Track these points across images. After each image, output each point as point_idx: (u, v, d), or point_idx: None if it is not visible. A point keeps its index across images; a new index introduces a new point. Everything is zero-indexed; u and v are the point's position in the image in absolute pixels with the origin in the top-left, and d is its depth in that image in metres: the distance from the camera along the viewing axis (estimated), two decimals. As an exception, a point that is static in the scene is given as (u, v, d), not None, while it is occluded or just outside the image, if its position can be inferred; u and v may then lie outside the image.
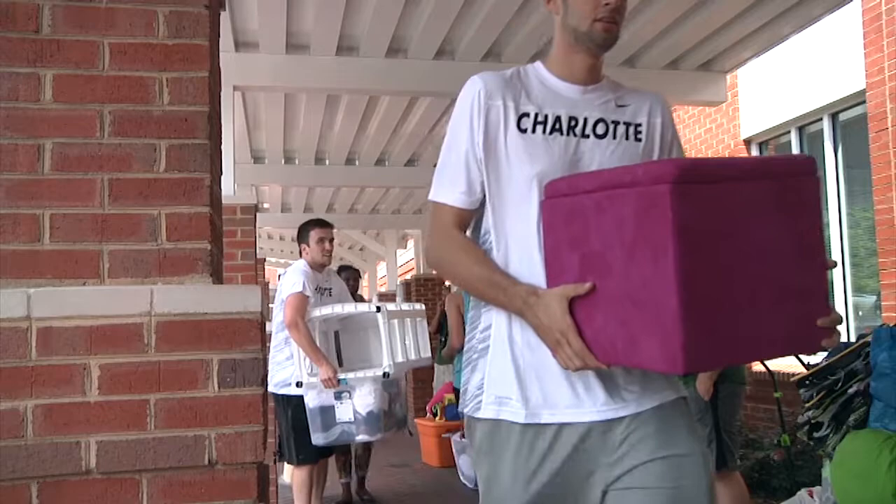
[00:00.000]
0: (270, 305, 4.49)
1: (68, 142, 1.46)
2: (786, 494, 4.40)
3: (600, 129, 1.53)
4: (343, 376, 4.13)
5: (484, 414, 1.50)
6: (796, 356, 3.78)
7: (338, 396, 4.13)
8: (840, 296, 6.01)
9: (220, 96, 1.72)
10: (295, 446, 4.42)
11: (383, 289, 14.33)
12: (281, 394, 4.38)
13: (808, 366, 3.95)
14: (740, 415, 5.26)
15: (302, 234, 4.56)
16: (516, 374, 1.47)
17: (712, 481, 1.51)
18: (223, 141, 1.81)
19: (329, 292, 4.56)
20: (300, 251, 4.57)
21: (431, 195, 1.56)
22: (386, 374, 4.06)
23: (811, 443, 3.85)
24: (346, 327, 4.57)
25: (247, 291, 1.41)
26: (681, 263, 1.23)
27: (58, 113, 1.46)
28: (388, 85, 5.22)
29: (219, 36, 1.74)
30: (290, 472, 4.72)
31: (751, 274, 1.31)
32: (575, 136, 1.51)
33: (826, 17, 4.91)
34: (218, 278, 1.59)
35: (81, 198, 1.45)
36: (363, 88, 5.37)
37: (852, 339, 4.49)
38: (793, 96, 6.43)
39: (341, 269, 5.87)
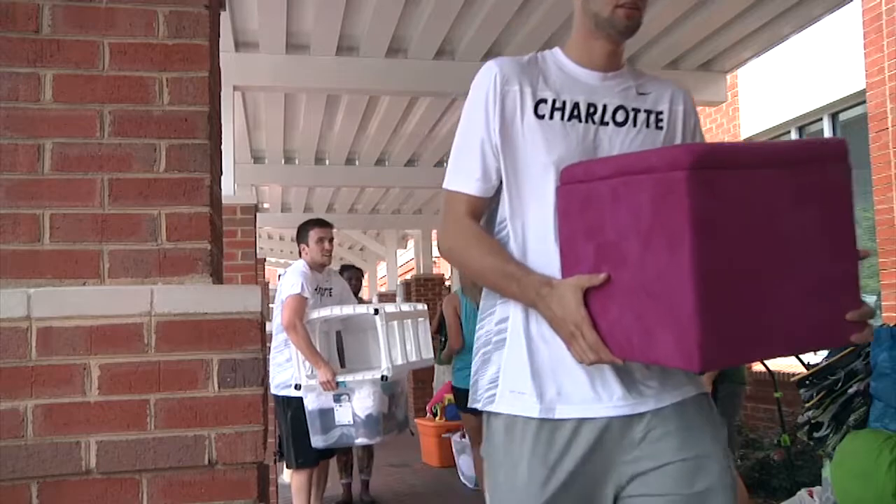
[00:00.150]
0: (270, 305, 4.48)
1: (68, 142, 1.46)
2: (786, 494, 4.40)
3: (620, 117, 1.49)
4: (342, 379, 4.11)
5: (498, 408, 1.46)
6: (797, 356, 3.78)
7: (337, 399, 4.10)
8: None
9: (220, 96, 1.72)
10: (294, 450, 4.40)
11: (383, 289, 14.32)
12: (281, 395, 4.37)
13: (808, 366, 3.95)
14: (740, 415, 5.26)
15: (301, 234, 4.54)
16: (531, 369, 1.43)
17: (734, 479, 1.45)
18: (223, 141, 1.81)
19: (329, 292, 4.53)
20: (300, 251, 4.55)
21: (445, 183, 1.52)
22: (384, 378, 4.02)
23: (811, 443, 3.85)
24: (348, 327, 4.54)
25: (247, 291, 1.41)
26: (697, 254, 1.16)
27: (58, 113, 1.46)
28: (388, 85, 5.21)
29: (219, 36, 1.74)
30: (290, 473, 4.70)
31: (774, 265, 1.23)
32: (594, 123, 1.47)
33: (826, 17, 4.91)
34: (218, 278, 1.59)
35: (81, 198, 1.45)
36: (363, 88, 5.36)
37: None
38: (793, 96, 6.43)
39: (344, 269, 5.84)
